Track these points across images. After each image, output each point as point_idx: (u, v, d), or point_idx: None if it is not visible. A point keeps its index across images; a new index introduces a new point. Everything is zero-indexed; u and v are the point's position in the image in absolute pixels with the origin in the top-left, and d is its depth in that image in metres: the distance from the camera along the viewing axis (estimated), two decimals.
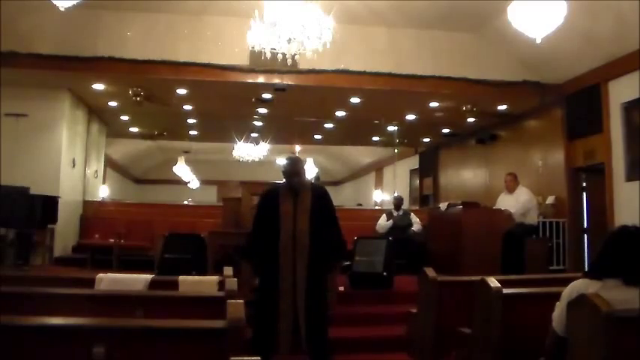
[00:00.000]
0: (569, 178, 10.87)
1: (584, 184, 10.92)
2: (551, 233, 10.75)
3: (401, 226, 10.81)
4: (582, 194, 10.93)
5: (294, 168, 5.25)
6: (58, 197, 9.90)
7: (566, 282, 3.29)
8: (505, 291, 3.88)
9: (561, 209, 10.96)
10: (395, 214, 11.11)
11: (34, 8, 9.18)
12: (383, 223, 11.00)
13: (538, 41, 6.77)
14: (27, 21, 9.57)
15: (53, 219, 9.64)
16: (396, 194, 15.26)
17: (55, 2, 7.05)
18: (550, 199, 11.10)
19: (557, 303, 3.18)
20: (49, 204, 9.54)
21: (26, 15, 9.47)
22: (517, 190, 9.53)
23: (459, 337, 4.38)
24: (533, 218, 9.49)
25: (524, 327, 3.72)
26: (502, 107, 12.06)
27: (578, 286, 3.08)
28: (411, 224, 10.92)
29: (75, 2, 7.16)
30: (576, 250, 10.67)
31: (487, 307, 3.91)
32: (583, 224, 10.82)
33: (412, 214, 11.25)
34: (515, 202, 9.32)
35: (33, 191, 9.44)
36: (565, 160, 10.94)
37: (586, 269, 3.34)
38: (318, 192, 5.30)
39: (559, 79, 10.73)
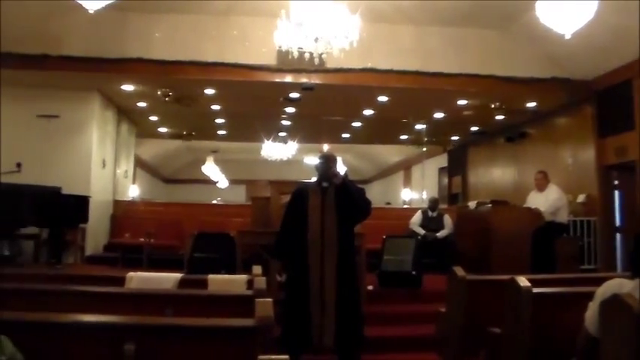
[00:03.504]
0: (600, 176, 10.74)
1: (616, 182, 10.76)
2: (582, 232, 10.62)
3: (433, 229, 10.77)
4: (614, 192, 10.77)
5: (331, 156, 5.51)
6: (89, 197, 10.00)
7: (597, 282, 3.26)
8: (535, 290, 3.85)
9: (592, 208, 10.83)
10: (430, 214, 11.06)
11: (63, 11, 9.28)
12: (417, 221, 10.96)
13: (567, 37, 6.72)
14: (57, 23, 9.70)
15: (85, 218, 9.73)
16: (425, 195, 15.24)
17: (84, 5, 7.13)
18: (581, 198, 10.97)
19: (590, 303, 3.15)
20: (81, 204, 9.63)
21: (56, 18, 9.59)
22: (547, 189, 9.44)
23: (489, 337, 4.36)
24: (563, 217, 9.38)
25: (555, 327, 3.69)
26: (531, 104, 11.94)
27: (612, 285, 3.05)
28: (441, 228, 10.85)
29: (103, 4, 7.23)
30: (608, 249, 10.53)
31: (517, 306, 3.88)
32: (615, 223, 10.67)
33: (446, 216, 11.10)
34: (545, 201, 9.21)
35: (65, 191, 9.56)
36: (596, 157, 10.81)
37: (618, 269, 3.31)
38: (339, 185, 5.33)
39: (589, 75, 10.61)
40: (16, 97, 10.81)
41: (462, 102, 11.92)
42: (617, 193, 10.75)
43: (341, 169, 5.56)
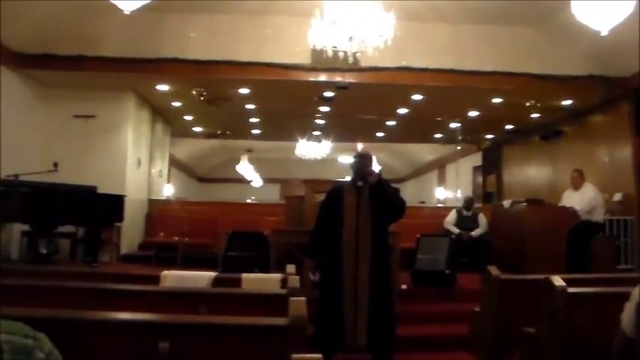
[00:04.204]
0: (637, 175, 10.52)
1: None
2: (618, 231, 10.48)
3: (468, 228, 10.71)
4: None
5: (366, 155, 5.50)
6: (125, 196, 10.10)
7: (634, 282, 3.21)
8: (570, 290, 3.81)
9: (629, 207, 10.67)
10: (464, 213, 11.02)
11: (99, 12, 9.40)
12: (451, 220, 10.92)
13: (604, 33, 6.62)
14: (93, 25, 9.83)
15: (120, 217, 9.82)
16: (459, 193, 15.13)
17: (119, 5, 7.20)
18: (617, 197, 10.82)
19: (627, 303, 3.10)
20: (116, 203, 9.72)
21: (92, 19, 9.72)
22: (583, 187, 9.34)
23: (523, 337, 4.32)
24: (599, 216, 9.28)
25: (591, 327, 3.64)
26: (567, 102, 11.81)
27: None
28: (476, 227, 10.79)
29: (139, 5, 7.30)
30: None
31: (552, 306, 3.84)
32: None
33: (481, 215, 11.06)
34: (581, 200, 9.12)
35: (100, 190, 9.65)
36: (633, 155, 10.61)
37: None
38: (374, 184, 5.30)
39: (626, 72, 10.42)
40: (53, 98, 11.03)
41: (496, 100, 11.82)
42: None
43: (375, 167, 5.53)
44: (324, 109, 13.12)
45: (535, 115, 12.86)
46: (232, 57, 10.15)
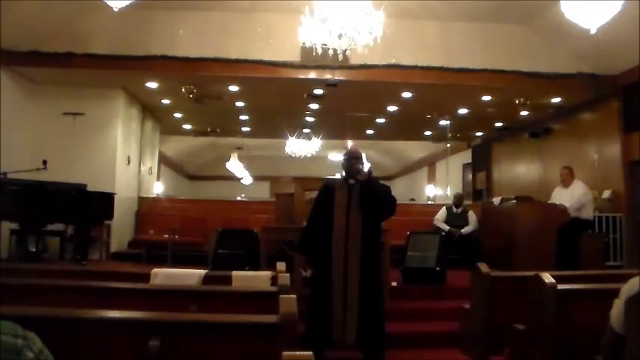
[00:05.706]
0: (627, 172, 10.62)
1: None
2: (607, 228, 10.54)
3: (457, 225, 10.72)
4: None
5: (356, 153, 5.47)
6: (114, 194, 10.07)
7: (623, 278, 3.22)
8: (560, 287, 3.82)
9: (618, 204, 10.73)
10: (454, 210, 11.03)
11: (88, 9, 9.38)
12: (441, 218, 10.93)
13: (593, 32, 6.65)
14: (82, 22, 9.81)
15: (110, 215, 9.80)
16: (449, 191, 15.14)
17: (108, 3, 7.19)
18: (606, 194, 10.87)
19: (616, 300, 3.12)
20: (106, 200, 9.69)
21: (81, 16, 9.70)
22: (572, 184, 9.36)
23: (513, 334, 4.34)
24: (588, 213, 9.30)
25: (580, 324, 3.66)
26: (556, 100, 11.85)
27: (638, 282, 3.02)
28: (466, 224, 10.80)
29: (127, 3, 7.29)
30: (634, 245, 10.42)
31: (541, 303, 3.85)
32: None
33: (471, 212, 11.03)
34: (570, 197, 9.14)
35: (90, 188, 9.63)
36: (622, 153, 10.70)
37: None
38: (364, 182, 5.28)
39: (615, 70, 10.49)
40: (41, 95, 10.99)
41: (486, 98, 11.85)
42: None
43: (365, 165, 5.50)
44: (314, 106, 13.12)
45: (525, 113, 12.91)
46: (221, 54, 10.14)
